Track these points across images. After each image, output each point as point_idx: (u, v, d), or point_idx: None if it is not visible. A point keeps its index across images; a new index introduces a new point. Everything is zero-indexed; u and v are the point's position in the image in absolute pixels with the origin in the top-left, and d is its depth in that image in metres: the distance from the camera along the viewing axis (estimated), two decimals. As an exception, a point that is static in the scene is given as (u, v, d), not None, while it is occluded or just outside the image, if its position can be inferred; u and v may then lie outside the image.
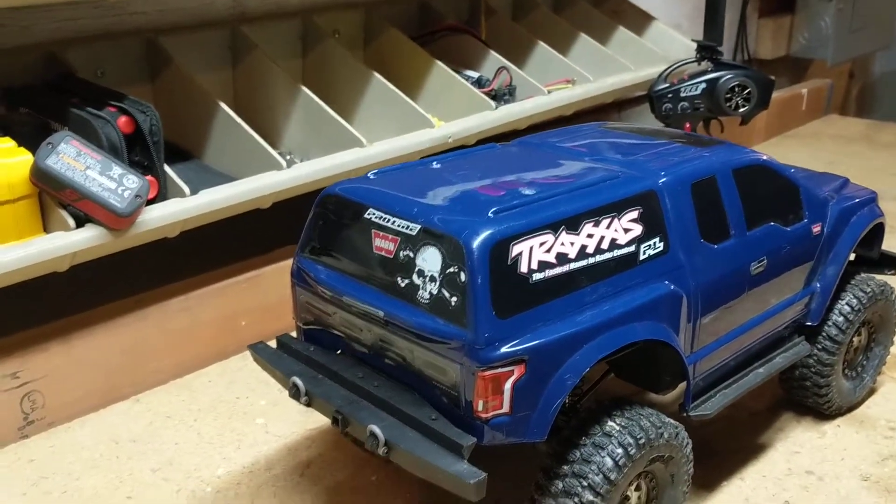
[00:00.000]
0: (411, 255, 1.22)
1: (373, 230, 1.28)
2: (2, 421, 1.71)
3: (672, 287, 1.35)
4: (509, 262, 1.18)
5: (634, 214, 1.33)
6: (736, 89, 2.67)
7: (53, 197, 1.64)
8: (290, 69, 2.30)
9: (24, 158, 1.63)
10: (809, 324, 1.67)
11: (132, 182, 1.67)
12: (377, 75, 2.31)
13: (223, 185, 1.88)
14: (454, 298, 1.17)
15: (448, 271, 1.18)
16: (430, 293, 1.20)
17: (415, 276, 1.22)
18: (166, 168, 1.81)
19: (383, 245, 1.26)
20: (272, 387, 1.93)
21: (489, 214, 1.21)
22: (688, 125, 2.72)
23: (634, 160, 1.45)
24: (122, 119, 1.76)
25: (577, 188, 1.30)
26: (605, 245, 1.28)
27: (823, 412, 1.78)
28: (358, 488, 1.61)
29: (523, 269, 1.19)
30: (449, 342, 1.17)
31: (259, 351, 1.46)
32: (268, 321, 2.12)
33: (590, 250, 1.27)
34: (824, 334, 1.68)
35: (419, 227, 1.22)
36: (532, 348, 1.18)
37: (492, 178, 1.37)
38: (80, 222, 1.67)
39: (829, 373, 1.70)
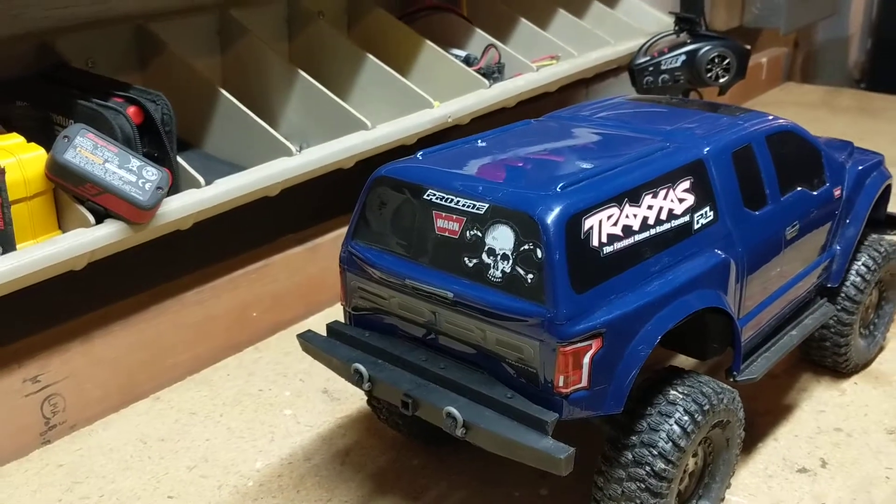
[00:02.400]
0: (479, 234, 1.21)
1: (434, 211, 1.27)
2: (24, 427, 1.65)
3: (724, 255, 1.37)
4: (582, 237, 1.18)
5: (687, 185, 1.34)
6: (716, 60, 2.72)
7: (71, 192, 1.58)
8: (277, 53, 2.25)
9: (39, 154, 1.56)
10: (830, 285, 1.72)
11: (152, 174, 1.62)
12: (371, 56, 2.28)
13: (236, 174, 1.83)
14: (530, 275, 1.17)
15: (522, 248, 1.17)
16: (503, 271, 1.19)
17: (484, 255, 1.21)
18: (178, 159, 1.76)
19: (447, 225, 1.25)
20: (292, 378, 1.92)
21: (557, 189, 1.20)
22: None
23: (674, 131, 1.47)
24: (132, 109, 1.70)
25: (633, 160, 1.31)
26: (663, 216, 1.30)
27: (841, 371, 1.84)
28: (401, 472, 1.60)
29: (595, 242, 1.20)
30: (526, 319, 1.17)
31: (310, 339, 1.43)
32: (278, 311, 2.09)
33: (651, 221, 1.28)
34: (843, 295, 1.74)
35: (487, 205, 1.21)
36: (608, 321, 1.18)
37: (543, 153, 1.37)
38: (99, 217, 1.61)
39: (848, 332, 1.76)
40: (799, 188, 1.57)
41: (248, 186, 1.84)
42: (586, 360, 1.17)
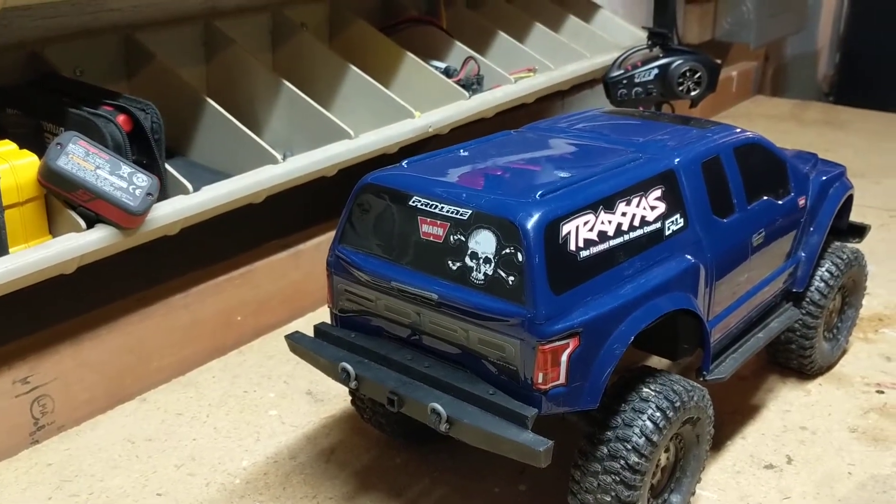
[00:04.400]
0: (463, 238, 1.27)
1: (419, 216, 1.32)
2: (14, 427, 1.68)
3: (693, 260, 1.44)
4: (560, 241, 1.25)
5: (658, 193, 1.41)
6: (687, 73, 2.80)
7: (63, 198, 1.62)
8: (261, 63, 2.30)
9: (31, 160, 1.60)
10: (795, 290, 1.79)
11: (142, 181, 1.66)
12: (353, 67, 2.33)
13: (224, 181, 1.88)
14: (511, 278, 1.23)
15: (504, 252, 1.23)
16: (486, 274, 1.25)
17: (467, 259, 1.27)
18: (167, 166, 1.80)
19: (431, 231, 1.31)
20: (276, 380, 1.96)
21: (537, 197, 1.27)
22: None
23: (647, 142, 1.54)
24: (122, 117, 1.74)
25: (608, 169, 1.38)
26: (636, 222, 1.37)
27: (806, 372, 1.91)
28: (385, 470, 1.65)
29: (572, 247, 1.26)
30: (507, 319, 1.23)
31: (298, 340, 1.48)
32: (262, 315, 2.14)
33: (624, 228, 1.35)
34: (808, 299, 1.81)
35: (470, 211, 1.27)
36: (585, 321, 1.25)
37: (523, 162, 1.43)
38: (89, 222, 1.65)
39: (812, 335, 1.83)
40: (765, 197, 1.64)
41: (234, 193, 1.88)
42: (564, 357, 1.24)
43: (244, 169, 1.96)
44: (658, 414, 1.34)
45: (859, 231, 2.00)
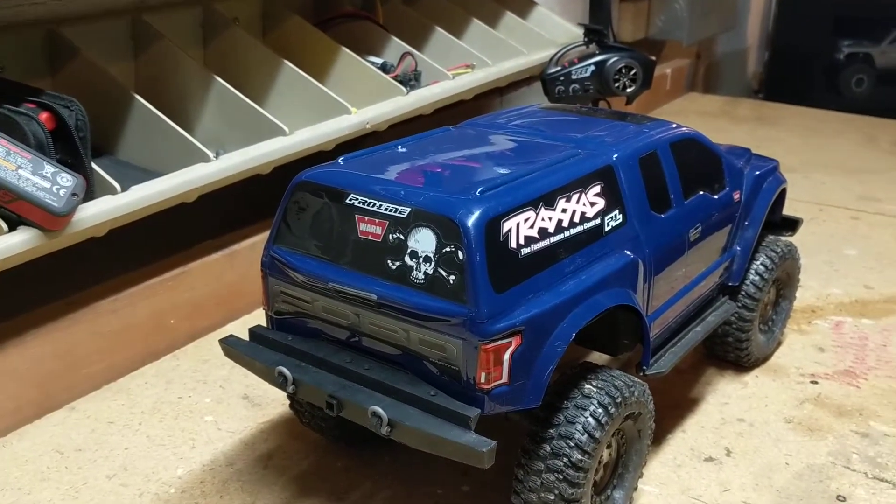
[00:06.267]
0: (402, 237, 1.25)
1: (356, 215, 1.30)
2: (-67, 441, 1.61)
3: (632, 256, 1.44)
4: (501, 239, 1.23)
5: (598, 189, 1.41)
6: (623, 70, 2.82)
7: (-18, 199, 1.55)
8: (192, 58, 2.24)
9: (-53, 159, 1.53)
10: (731, 284, 1.81)
11: (66, 181, 1.60)
12: (287, 63, 2.29)
13: (153, 180, 1.82)
14: (452, 277, 1.21)
15: (444, 251, 1.21)
16: (426, 273, 1.23)
17: (407, 258, 1.25)
18: (93, 165, 1.74)
19: (369, 229, 1.28)
20: (212, 384, 1.91)
21: (477, 193, 1.25)
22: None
23: (586, 138, 1.53)
24: (45, 115, 1.68)
25: (548, 165, 1.37)
26: (576, 219, 1.36)
27: (743, 365, 1.94)
28: (325, 475, 1.62)
29: (513, 244, 1.25)
30: (448, 319, 1.21)
31: (233, 344, 1.44)
32: (196, 318, 2.08)
33: (565, 224, 1.34)
34: (744, 293, 1.83)
35: (409, 209, 1.25)
36: (526, 319, 1.23)
37: (462, 159, 1.41)
38: (12, 225, 1.58)
39: (748, 328, 1.86)
40: (701, 192, 1.66)
41: (165, 193, 1.83)
42: (506, 356, 1.22)
43: (175, 167, 1.90)
44: (600, 410, 1.33)
45: (792, 224, 2.03)
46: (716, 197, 1.69)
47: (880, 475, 1.61)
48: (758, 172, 1.85)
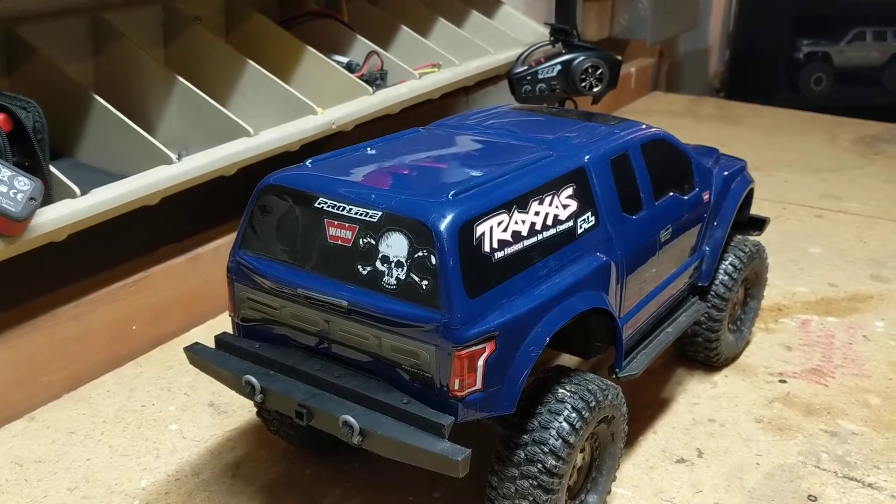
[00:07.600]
0: (373, 241, 1.22)
1: (325, 219, 1.27)
2: None
3: (605, 258, 1.43)
4: (474, 243, 1.21)
5: (570, 191, 1.39)
6: (589, 70, 2.81)
7: (-65, 204, 1.49)
8: (153, 58, 2.19)
9: None
10: (701, 284, 1.81)
11: (24, 184, 1.55)
12: (251, 62, 2.25)
13: (114, 183, 1.78)
14: (425, 282, 1.19)
15: (416, 255, 1.19)
16: (398, 278, 1.21)
17: (378, 263, 1.22)
18: (52, 168, 1.69)
19: (339, 234, 1.25)
20: (177, 392, 1.87)
21: (449, 197, 1.23)
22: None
23: (557, 139, 1.52)
24: (1, 116, 1.63)
25: (520, 167, 1.35)
26: (549, 222, 1.34)
27: (712, 365, 1.94)
28: (294, 483, 1.59)
29: (486, 248, 1.23)
30: (422, 325, 1.19)
31: (198, 352, 1.40)
32: (159, 324, 2.04)
33: (538, 227, 1.32)
34: (713, 293, 1.84)
35: (380, 213, 1.22)
36: (500, 324, 1.22)
37: (433, 161, 1.39)
38: (-34, 230, 1.53)
39: (718, 328, 1.86)
40: (671, 193, 1.65)
41: (126, 196, 1.78)
42: (481, 362, 1.20)
43: (136, 170, 1.85)
44: (574, 415, 1.32)
45: (759, 224, 2.04)
46: (686, 198, 1.69)
47: (850, 474, 1.62)
48: (726, 173, 1.85)
